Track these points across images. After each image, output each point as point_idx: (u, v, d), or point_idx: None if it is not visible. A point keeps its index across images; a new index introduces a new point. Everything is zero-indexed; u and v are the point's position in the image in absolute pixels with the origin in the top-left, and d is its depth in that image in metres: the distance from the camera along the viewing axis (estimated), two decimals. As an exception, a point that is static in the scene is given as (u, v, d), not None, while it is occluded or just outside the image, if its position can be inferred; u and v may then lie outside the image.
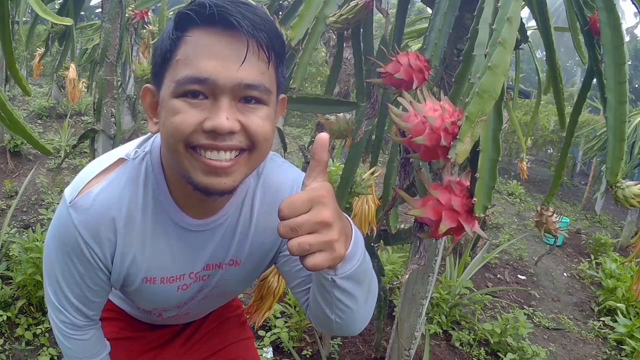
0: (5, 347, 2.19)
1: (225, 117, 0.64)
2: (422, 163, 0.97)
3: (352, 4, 1.08)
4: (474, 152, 0.67)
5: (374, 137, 1.45)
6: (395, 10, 1.28)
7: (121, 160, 0.78)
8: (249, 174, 0.72)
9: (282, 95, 0.76)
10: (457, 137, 0.63)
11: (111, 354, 1.01)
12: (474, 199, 0.65)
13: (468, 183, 0.68)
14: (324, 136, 0.61)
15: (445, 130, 0.64)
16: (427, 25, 1.08)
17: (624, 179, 0.93)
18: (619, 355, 3.05)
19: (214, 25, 0.64)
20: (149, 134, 0.82)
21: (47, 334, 2.31)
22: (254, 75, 0.65)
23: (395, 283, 2.54)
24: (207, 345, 1.15)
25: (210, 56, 0.63)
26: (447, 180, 0.69)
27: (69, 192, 0.77)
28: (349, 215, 1.57)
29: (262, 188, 0.85)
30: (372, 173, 1.46)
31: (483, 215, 0.65)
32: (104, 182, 0.76)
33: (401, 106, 0.69)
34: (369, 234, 1.49)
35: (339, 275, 0.66)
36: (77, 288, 0.83)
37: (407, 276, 1.04)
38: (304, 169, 2.92)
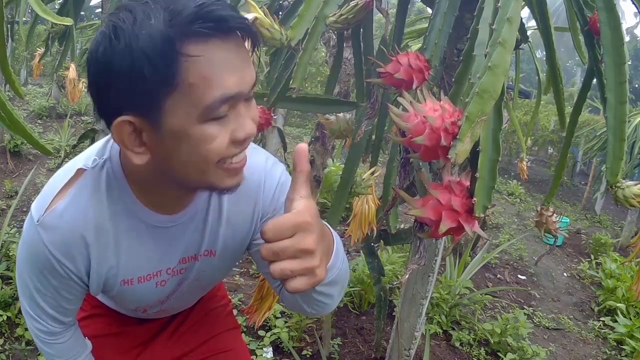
0: (5, 347, 2.19)
1: (249, 122, 0.65)
2: (422, 163, 0.97)
3: (352, 4, 1.08)
4: (474, 152, 0.67)
5: (374, 137, 1.45)
6: (395, 10, 1.28)
7: (81, 171, 0.76)
8: None
9: None
10: (457, 137, 0.63)
11: (95, 351, 1.01)
12: (474, 199, 0.65)
13: (468, 183, 0.68)
14: (303, 146, 0.61)
15: (445, 130, 0.63)
16: (427, 25, 1.08)
17: (624, 179, 0.93)
18: (619, 355, 3.05)
19: (218, 37, 0.61)
20: (105, 139, 0.80)
21: (47, 334, 2.31)
22: (253, 72, 0.65)
23: (395, 283, 2.54)
24: (195, 337, 1.16)
25: (230, 70, 0.62)
26: (447, 180, 0.68)
27: (35, 209, 0.76)
28: (349, 216, 1.57)
29: None
30: (372, 173, 1.46)
31: (483, 215, 0.65)
32: (67, 197, 0.74)
33: (401, 106, 0.69)
34: (369, 234, 1.49)
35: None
36: (52, 300, 0.83)
37: (407, 276, 1.04)
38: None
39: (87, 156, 0.78)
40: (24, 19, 2.91)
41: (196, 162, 0.65)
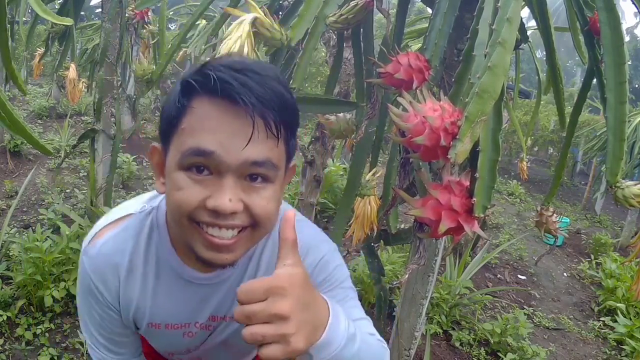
0: (5, 347, 2.19)
1: (228, 198, 0.62)
2: (422, 163, 0.97)
3: (352, 3, 1.08)
4: (474, 152, 0.67)
5: (374, 137, 1.45)
6: (395, 10, 1.28)
7: (130, 215, 0.82)
8: (252, 247, 0.72)
9: (293, 162, 0.74)
10: (457, 137, 0.63)
11: None
12: (474, 199, 0.65)
13: (468, 183, 0.68)
14: (289, 214, 0.62)
15: (445, 130, 0.63)
16: (427, 25, 1.08)
17: (624, 179, 0.93)
18: (619, 355, 3.05)
19: (220, 97, 0.61)
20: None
21: (47, 334, 2.31)
22: (262, 153, 0.63)
23: (395, 283, 2.54)
24: None
25: (216, 130, 0.62)
26: (446, 180, 0.68)
27: (85, 240, 0.83)
28: (351, 217, 1.57)
29: (272, 244, 0.84)
30: (374, 174, 1.46)
31: (483, 215, 0.65)
32: (111, 232, 0.81)
33: (401, 106, 0.69)
34: (369, 234, 1.49)
35: None
36: (100, 328, 0.87)
37: (406, 276, 1.04)
38: (304, 169, 2.91)
39: (140, 202, 0.85)
40: (24, 19, 2.91)
41: (170, 208, 0.68)
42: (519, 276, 4.04)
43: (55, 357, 2.20)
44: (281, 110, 0.63)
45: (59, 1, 2.84)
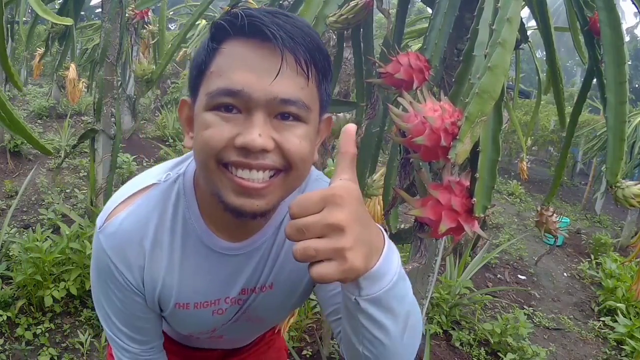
0: (5, 347, 2.19)
1: (257, 133, 0.59)
2: (422, 163, 0.97)
3: (352, 3, 1.08)
4: (474, 152, 0.67)
5: (376, 137, 1.45)
6: (395, 10, 1.28)
7: (152, 185, 0.75)
8: (286, 197, 0.66)
9: (326, 115, 0.71)
10: (457, 137, 0.63)
11: None
12: (474, 199, 0.65)
13: (468, 183, 0.69)
14: (350, 127, 0.56)
15: (445, 131, 0.64)
16: (427, 25, 1.08)
17: (624, 179, 0.93)
18: (619, 355, 3.06)
19: (249, 36, 0.60)
20: (185, 155, 0.79)
21: (47, 334, 2.31)
22: (292, 90, 0.60)
23: None
24: None
25: (244, 68, 0.60)
26: (447, 181, 0.69)
27: (99, 218, 0.76)
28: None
29: None
30: (383, 174, 1.46)
31: (483, 215, 0.66)
32: (131, 206, 0.74)
33: (401, 106, 0.69)
34: None
35: (364, 297, 0.55)
36: (121, 314, 0.81)
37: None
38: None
39: (162, 170, 0.78)
40: (24, 19, 2.91)
41: (198, 151, 0.63)
42: (519, 276, 4.04)
43: (55, 357, 2.20)
44: (312, 50, 0.61)
45: (59, 1, 2.84)
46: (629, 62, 0.91)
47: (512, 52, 0.69)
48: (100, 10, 2.87)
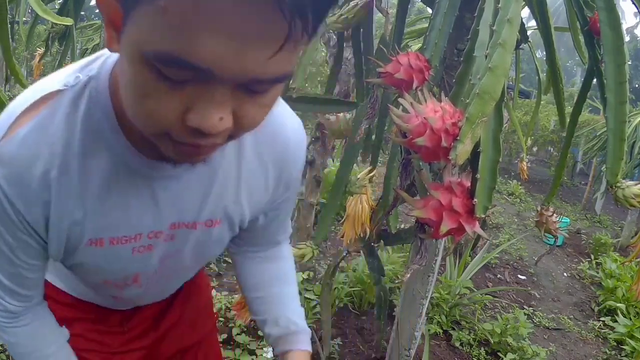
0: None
1: (218, 117, 0.43)
2: (423, 164, 0.98)
3: (352, 3, 1.08)
4: (475, 153, 0.67)
5: (373, 137, 1.45)
6: (395, 10, 1.28)
7: (58, 92, 0.57)
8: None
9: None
10: (458, 138, 0.63)
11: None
12: (475, 199, 0.65)
13: (469, 184, 0.69)
14: None
15: (445, 132, 0.64)
16: (427, 25, 1.08)
17: (624, 179, 0.93)
18: (619, 355, 3.06)
19: None
20: (97, 53, 0.60)
21: None
22: (282, 68, 0.42)
23: (395, 282, 2.55)
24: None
25: (220, 32, 0.37)
26: (447, 181, 0.69)
27: None
28: (342, 214, 1.56)
29: (255, 135, 0.64)
30: (368, 173, 1.46)
31: (484, 216, 0.66)
32: (34, 120, 0.56)
33: (401, 107, 0.69)
34: (362, 235, 1.49)
35: None
36: (8, 266, 0.65)
37: (408, 275, 1.04)
38: (305, 169, 2.91)
39: (70, 72, 0.59)
40: (24, 19, 2.91)
41: (132, 115, 0.48)
42: (519, 276, 4.04)
43: None
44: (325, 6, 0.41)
45: (59, 1, 2.84)
46: (629, 62, 0.91)
47: (512, 53, 0.69)
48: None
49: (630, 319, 3.25)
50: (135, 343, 0.97)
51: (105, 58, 0.59)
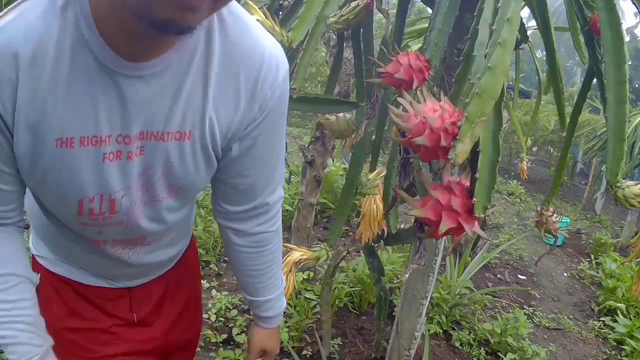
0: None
1: None
2: (422, 163, 0.98)
3: (353, 4, 1.08)
4: (474, 153, 0.67)
5: (374, 137, 1.45)
6: (395, 10, 1.28)
7: None
8: (209, 16, 0.57)
9: None
10: (457, 137, 0.63)
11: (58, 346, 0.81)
12: (474, 199, 0.65)
13: (468, 183, 0.69)
14: None
15: (445, 131, 0.64)
16: (427, 25, 1.08)
17: (624, 179, 0.93)
18: (619, 355, 3.05)
19: None
20: None
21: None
22: None
23: (395, 282, 2.55)
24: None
25: None
26: (447, 181, 0.69)
27: None
28: (350, 217, 1.56)
29: (225, 45, 0.68)
30: (379, 173, 1.46)
31: (483, 216, 0.66)
32: (16, 11, 0.60)
33: (401, 106, 0.69)
34: (379, 233, 1.50)
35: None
36: None
37: (407, 275, 1.04)
38: (304, 169, 2.91)
39: None
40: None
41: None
42: (519, 276, 4.04)
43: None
44: None
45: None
46: (629, 62, 0.91)
47: (512, 52, 0.69)
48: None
49: (630, 319, 3.25)
50: (147, 333, 1.00)
51: None
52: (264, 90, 0.72)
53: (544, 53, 1.23)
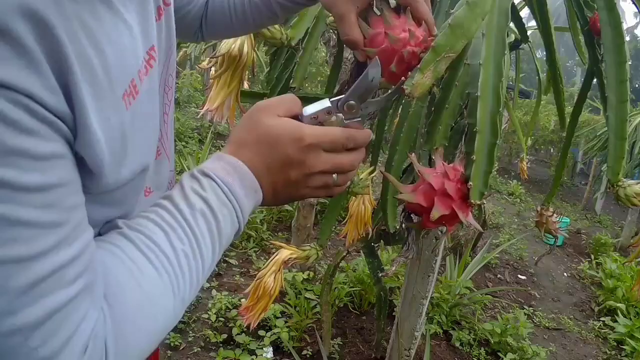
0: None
1: None
2: (420, 155, 0.96)
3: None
4: (472, 134, 0.63)
5: (373, 137, 1.45)
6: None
7: None
8: None
9: None
10: (419, 66, 0.57)
11: None
12: (470, 183, 0.60)
13: (463, 169, 0.64)
14: None
15: (400, 56, 0.57)
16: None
17: (624, 178, 0.93)
18: (619, 355, 3.05)
19: None
20: None
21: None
22: None
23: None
24: None
25: None
26: (440, 165, 0.63)
27: None
28: (345, 217, 1.56)
29: None
30: (370, 173, 1.46)
31: (479, 202, 0.61)
32: None
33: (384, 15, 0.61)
34: (364, 234, 1.49)
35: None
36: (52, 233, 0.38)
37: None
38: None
39: None
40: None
41: None
42: (519, 276, 4.04)
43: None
44: None
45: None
46: (629, 62, 0.91)
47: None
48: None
49: (630, 319, 3.25)
50: None
51: None
52: None
53: (544, 53, 1.23)
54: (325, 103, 0.53)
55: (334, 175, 0.54)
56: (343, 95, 0.52)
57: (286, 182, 0.52)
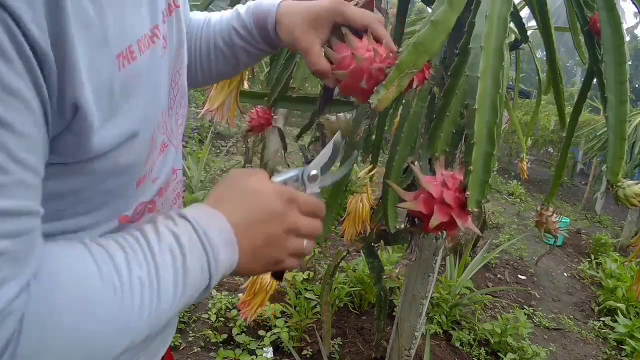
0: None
1: None
2: (420, 161, 0.97)
3: (352, 3, 1.08)
4: (469, 145, 0.66)
5: (373, 137, 1.45)
6: (395, 10, 1.28)
7: None
8: None
9: None
10: (384, 83, 0.62)
11: None
12: (467, 192, 0.64)
13: (462, 177, 0.67)
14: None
15: (369, 73, 0.63)
16: (427, 24, 1.08)
17: (624, 178, 0.93)
18: (619, 355, 3.05)
19: None
20: None
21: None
22: None
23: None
24: None
25: None
26: (440, 174, 0.67)
27: None
28: (343, 214, 1.56)
29: None
30: (368, 172, 1.46)
31: (476, 210, 0.64)
32: None
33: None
34: (362, 232, 1.49)
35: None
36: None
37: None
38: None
39: None
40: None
41: None
42: (519, 276, 4.04)
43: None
44: None
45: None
46: (629, 62, 0.91)
47: (458, 13, 0.68)
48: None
49: (630, 319, 3.25)
50: None
51: None
52: None
53: (544, 53, 1.23)
54: (292, 172, 0.60)
55: (304, 242, 0.57)
56: (307, 166, 0.61)
57: (266, 238, 0.53)
